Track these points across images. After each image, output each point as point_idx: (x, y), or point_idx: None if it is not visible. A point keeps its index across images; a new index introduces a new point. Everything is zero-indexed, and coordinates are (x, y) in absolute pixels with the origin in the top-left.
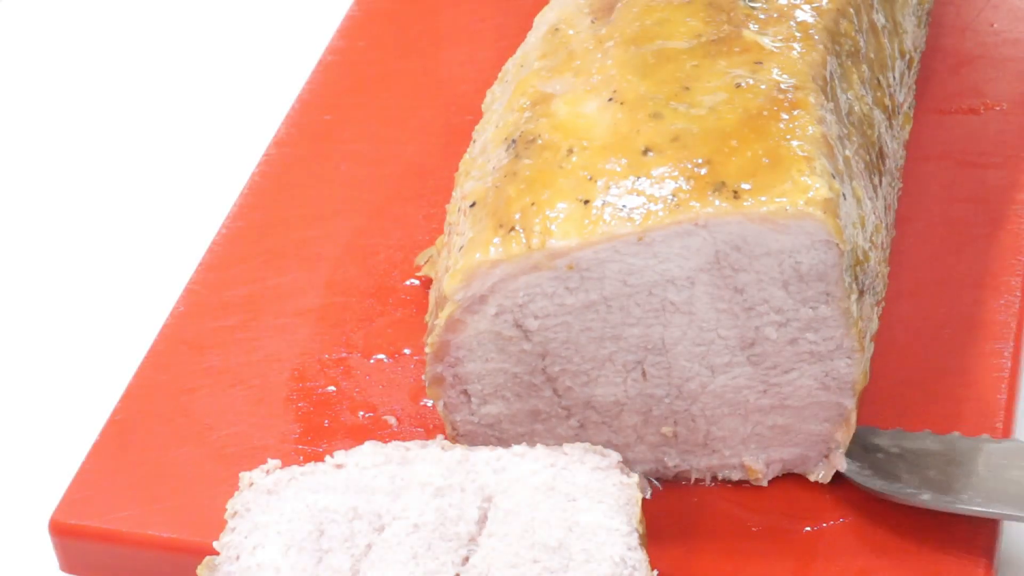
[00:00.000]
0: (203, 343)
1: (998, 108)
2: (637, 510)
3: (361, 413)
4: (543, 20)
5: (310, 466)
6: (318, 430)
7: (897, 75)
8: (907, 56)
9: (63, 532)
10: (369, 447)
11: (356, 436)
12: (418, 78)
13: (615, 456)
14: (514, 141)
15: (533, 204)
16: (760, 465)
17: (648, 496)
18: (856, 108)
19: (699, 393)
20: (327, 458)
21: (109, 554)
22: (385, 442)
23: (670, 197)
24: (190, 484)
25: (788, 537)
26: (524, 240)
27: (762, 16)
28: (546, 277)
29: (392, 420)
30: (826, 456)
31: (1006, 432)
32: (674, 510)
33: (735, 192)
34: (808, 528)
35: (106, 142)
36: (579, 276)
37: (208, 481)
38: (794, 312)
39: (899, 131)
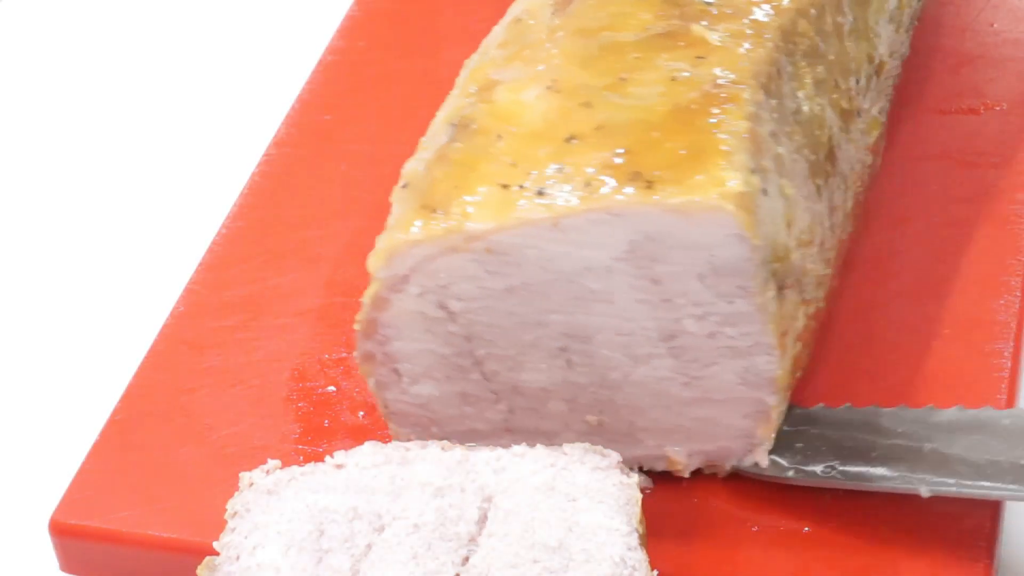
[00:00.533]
0: (203, 343)
1: (998, 108)
2: (637, 510)
3: (361, 413)
4: (512, 10)
5: (310, 466)
6: (318, 430)
7: (863, 79)
8: (876, 61)
9: (63, 532)
10: (369, 447)
11: (356, 436)
12: (418, 78)
13: (615, 456)
14: (454, 125)
15: (456, 187)
16: (682, 457)
17: (651, 487)
18: (806, 108)
19: (622, 383)
20: (327, 458)
21: (109, 554)
22: (385, 442)
23: (585, 185)
24: (190, 484)
25: (788, 537)
26: (444, 222)
27: (715, 12)
28: (466, 259)
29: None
30: (750, 451)
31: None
32: (674, 510)
33: (649, 182)
34: (808, 528)
35: (106, 142)
36: (498, 260)
37: (208, 481)
38: (711, 305)
39: (859, 135)
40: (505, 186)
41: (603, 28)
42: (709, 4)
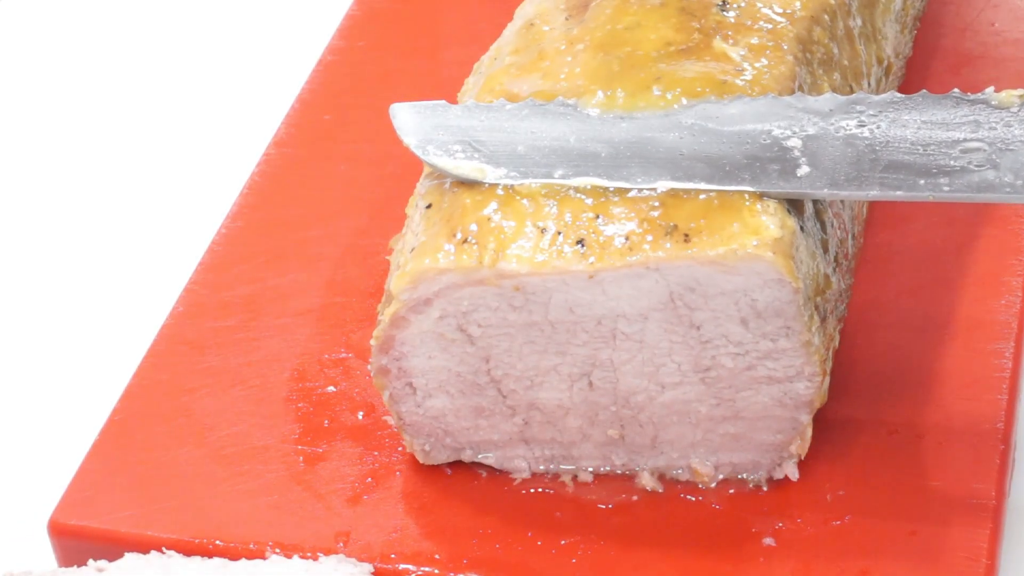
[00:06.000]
0: (203, 343)
1: None
2: None
3: (361, 413)
4: (521, 13)
5: (73, 570)
6: (318, 430)
7: (873, 82)
8: (885, 62)
9: (62, 532)
10: (130, 557)
11: (356, 436)
12: (418, 78)
13: (367, 567)
14: None
15: (489, 219)
16: (708, 468)
17: (660, 490)
18: None
19: (647, 404)
20: (90, 561)
21: (108, 554)
22: (384, 442)
23: (624, 240)
24: (190, 484)
25: (788, 537)
26: (476, 254)
27: (733, 22)
28: (491, 292)
29: (392, 420)
30: (778, 465)
31: (1006, 433)
32: (674, 511)
33: (686, 235)
34: (809, 528)
35: (106, 142)
36: (524, 297)
37: (208, 481)
38: (753, 344)
39: None
40: (543, 230)
41: (624, 43)
42: (725, 14)
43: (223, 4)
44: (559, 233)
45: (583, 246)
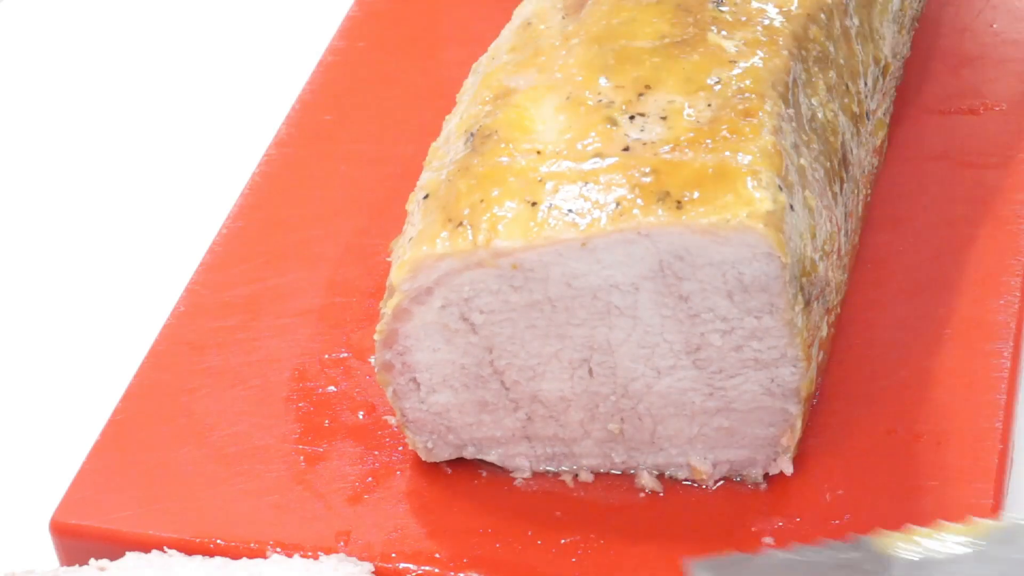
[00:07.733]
0: (203, 343)
1: (998, 108)
2: None
3: (361, 413)
4: (519, 13)
5: (75, 569)
6: (318, 430)
7: (870, 81)
8: (882, 62)
9: (64, 532)
10: (131, 557)
11: (356, 436)
12: (418, 78)
13: (367, 566)
14: (472, 135)
15: (482, 201)
16: (707, 466)
17: (661, 493)
18: (820, 115)
19: (644, 393)
20: (92, 560)
21: (109, 554)
22: (383, 442)
23: (614, 205)
24: (190, 484)
25: (788, 537)
26: (471, 236)
27: (729, 19)
28: (491, 274)
29: (392, 420)
30: (773, 460)
31: (1005, 433)
32: (674, 510)
33: (678, 202)
34: (808, 527)
35: (107, 143)
36: (523, 276)
37: (208, 481)
38: (738, 321)
39: (868, 137)
40: (534, 204)
41: (618, 36)
42: (722, 11)
43: (223, 4)
44: (550, 206)
45: (574, 215)
